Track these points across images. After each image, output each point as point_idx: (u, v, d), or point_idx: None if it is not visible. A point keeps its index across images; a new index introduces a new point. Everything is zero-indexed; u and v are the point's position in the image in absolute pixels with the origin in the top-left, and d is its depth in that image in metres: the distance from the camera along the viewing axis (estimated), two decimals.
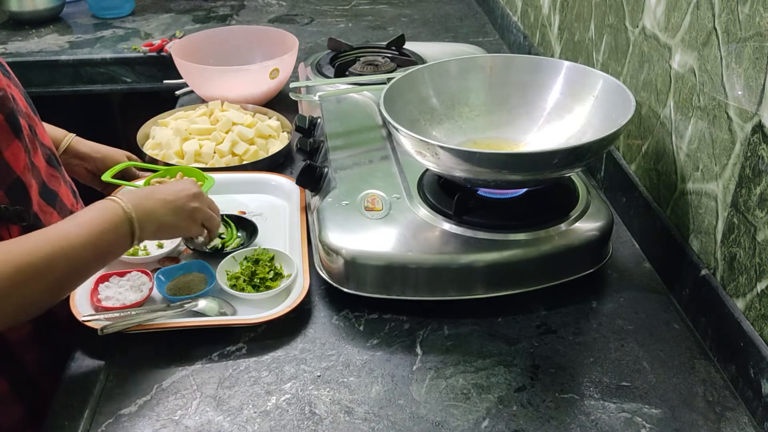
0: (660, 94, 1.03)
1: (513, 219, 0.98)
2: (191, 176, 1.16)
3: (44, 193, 0.97)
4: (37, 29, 1.99)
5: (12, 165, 0.90)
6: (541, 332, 0.93)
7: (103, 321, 0.89)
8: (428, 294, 0.95)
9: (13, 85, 0.97)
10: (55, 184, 1.01)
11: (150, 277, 0.98)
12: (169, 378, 0.86)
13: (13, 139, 0.90)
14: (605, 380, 0.86)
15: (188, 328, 0.91)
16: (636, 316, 0.96)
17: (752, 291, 0.82)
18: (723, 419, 0.81)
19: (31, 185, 0.94)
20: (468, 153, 0.92)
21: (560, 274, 0.98)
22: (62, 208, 1.01)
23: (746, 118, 0.82)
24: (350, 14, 2.11)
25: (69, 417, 0.81)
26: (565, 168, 0.94)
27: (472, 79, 1.13)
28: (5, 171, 0.90)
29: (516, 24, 1.76)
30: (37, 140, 0.99)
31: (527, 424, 0.80)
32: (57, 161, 1.05)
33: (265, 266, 0.99)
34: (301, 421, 0.81)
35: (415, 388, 0.85)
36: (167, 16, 2.09)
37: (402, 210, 0.99)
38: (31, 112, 1.01)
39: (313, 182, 1.10)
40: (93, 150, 1.23)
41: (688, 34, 0.94)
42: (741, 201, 0.84)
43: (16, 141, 0.91)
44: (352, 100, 1.27)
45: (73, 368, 0.87)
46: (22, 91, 1.00)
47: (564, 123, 1.07)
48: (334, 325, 0.94)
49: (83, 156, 1.21)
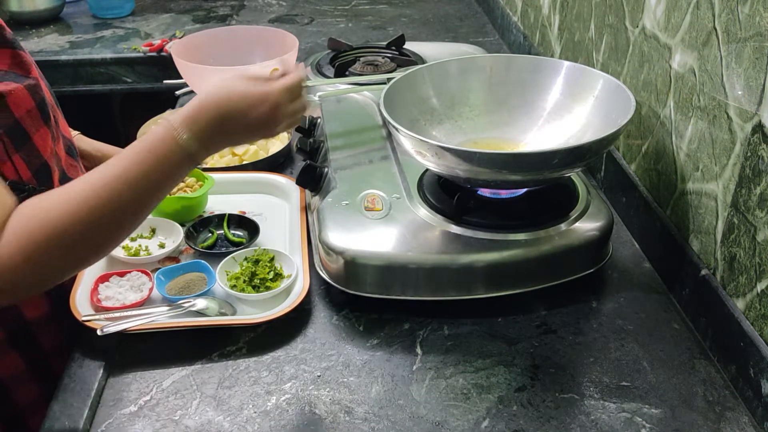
0: (660, 94, 1.03)
1: (513, 219, 0.98)
2: (191, 176, 1.17)
3: (63, 180, 0.99)
4: (37, 29, 1.99)
5: (40, 149, 0.94)
6: (541, 332, 0.93)
7: (103, 321, 0.89)
8: (428, 294, 0.95)
9: (41, 77, 1.00)
10: (73, 173, 1.04)
11: (150, 277, 0.98)
12: (169, 378, 0.86)
13: (42, 125, 0.94)
14: (605, 380, 0.86)
15: (188, 328, 0.91)
16: (636, 316, 0.96)
17: (752, 291, 0.82)
18: (723, 419, 0.81)
19: (54, 171, 0.97)
20: (468, 153, 0.92)
21: (560, 274, 0.98)
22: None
23: (746, 118, 0.82)
24: (350, 14, 2.11)
25: (69, 417, 0.81)
26: (565, 168, 0.94)
27: (472, 79, 1.13)
28: (34, 154, 0.93)
29: (516, 24, 1.76)
30: (59, 131, 1.03)
31: (527, 424, 0.80)
32: (75, 152, 1.08)
33: (265, 267, 0.99)
34: (301, 421, 0.81)
35: (415, 388, 0.85)
36: (167, 16, 2.09)
37: (402, 210, 0.99)
38: (55, 105, 1.04)
39: (313, 182, 1.10)
40: (94, 149, 1.24)
41: (688, 34, 0.94)
42: (741, 201, 0.84)
43: (45, 127, 0.95)
44: (352, 100, 1.27)
45: (73, 368, 0.87)
46: (47, 84, 1.03)
47: (564, 123, 1.07)
48: (334, 325, 0.94)
49: (85, 154, 1.22)
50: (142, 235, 1.08)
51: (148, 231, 1.09)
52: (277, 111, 0.84)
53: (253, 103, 0.82)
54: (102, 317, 0.90)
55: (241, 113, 0.82)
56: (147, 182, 0.76)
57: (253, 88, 0.83)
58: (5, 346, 0.94)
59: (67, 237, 0.72)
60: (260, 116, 0.83)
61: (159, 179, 0.77)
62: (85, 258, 0.77)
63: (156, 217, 1.10)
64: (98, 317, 0.90)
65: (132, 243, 1.06)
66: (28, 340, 0.95)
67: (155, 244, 1.06)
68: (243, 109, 0.82)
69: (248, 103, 0.82)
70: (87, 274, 0.97)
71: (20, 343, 0.95)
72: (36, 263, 0.72)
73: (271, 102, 0.83)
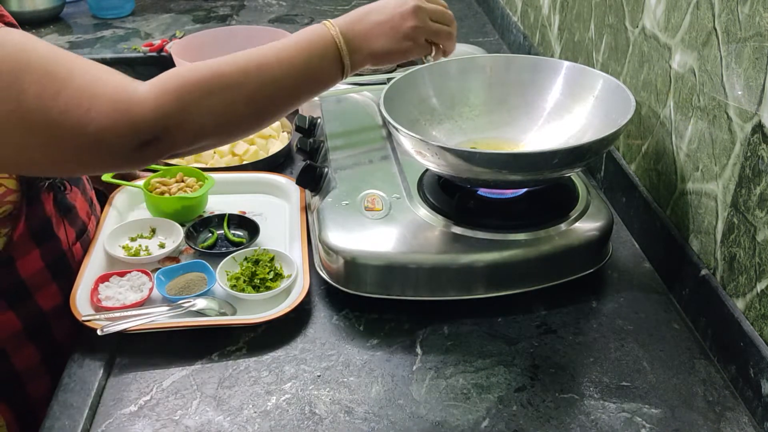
0: (660, 94, 1.03)
1: (513, 219, 0.98)
2: (191, 176, 1.17)
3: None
4: (38, 29, 1.98)
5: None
6: (541, 332, 0.93)
7: (103, 321, 0.89)
8: (428, 294, 0.95)
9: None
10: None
11: (150, 277, 0.98)
12: (169, 378, 0.87)
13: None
14: (605, 380, 0.86)
15: (188, 328, 0.91)
16: (636, 316, 0.96)
17: (752, 291, 0.82)
18: (723, 419, 0.81)
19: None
20: (468, 153, 0.92)
21: (560, 274, 0.98)
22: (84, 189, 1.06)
23: (746, 118, 0.82)
24: None
25: (69, 417, 0.81)
26: (565, 168, 0.94)
27: (472, 79, 1.13)
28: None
29: (516, 24, 1.76)
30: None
31: (527, 424, 0.80)
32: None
33: (265, 267, 0.99)
34: (301, 421, 0.81)
35: (415, 388, 0.85)
36: (167, 16, 2.09)
37: (402, 210, 0.99)
38: None
39: (313, 182, 1.10)
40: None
41: (688, 34, 0.94)
42: (741, 201, 0.84)
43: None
44: (352, 100, 1.27)
45: (73, 368, 0.87)
46: None
47: (564, 123, 1.07)
48: (334, 325, 0.94)
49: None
50: (142, 235, 1.08)
51: (149, 231, 1.09)
52: (418, 10, 0.86)
53: (392, 6, 0.87)
54: (102, 317, 0.90)
55: (382, 5, 0.87)
56: (297, 69, 0.81)
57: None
58: (23, 339, 0.94)
59: (224, 78, 0.76)
60: (400, 9, 0.86)
61: (307, 71, 0.82)
62: (235, 112, 0.78)
63: (156, 217, 1.10)
64: (98, 317, 0.90)
65: (132, 243, 1.06)
66: (44, 332, 0.96)
67: (155, 244, 1.07)
68: (383, 10, 0.87)
69: (389, 6, 0.87)
70: (87, 274, 0.97)
71: (37, 335, 0.95)
72: (188, 103, 0.74)
73: (410, 7, 0.86)
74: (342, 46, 0.83)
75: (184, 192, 1.13)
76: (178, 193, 1.13)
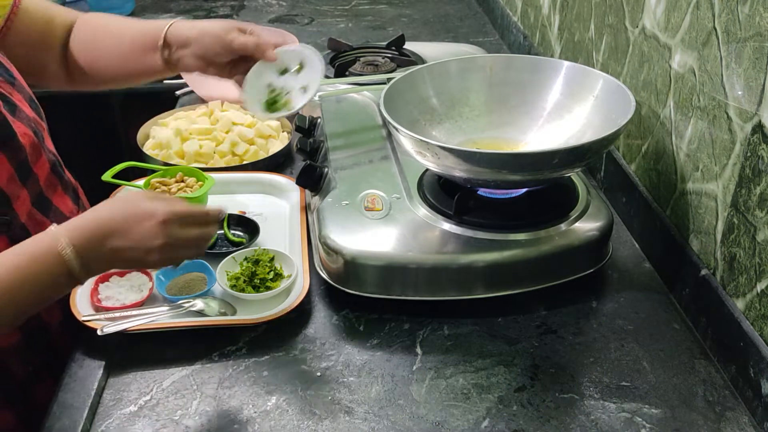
0: (660, 94, 1.03)
1: (513, 219, 0.98)
2: (191, 176, 1.16)
3: (39, 203, 0.94)
4: None
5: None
6: (541, 332, 0.93)
7: (103, 321, 0.89)
8: (428, 294, 0.95)
9: (17, 90, 0.94)
10: (51, 193, 0.97)
11: (150, 277, 0.98)
12: (169, 378, 0.87)
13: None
14: (605, 380, 0.86)
15: (188, 328, 0.91)
16: (636, 316, 0.96)
17: (752, 291, 0.82)
18: (723, 419, 0.81)
19: (18, 196, 0.90)
20: (468, 153, 0.92)
21: (560, 274, 0.98)
22: (58, 216, 0.98)
23: (746, 118, 0.82)
24: (350, 14, 2.11)
25: (69, 417, 0.81)
26: (565, 168, 0.94)
27: (472, 79, 1.13)
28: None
29: (516, 24, 1.76)
30: (43, 147, 0.96)
31: (527, 424, 0.80)
32: (61, 167, 1.02)
33: (265, 267, 0.99)
34: (301, 420, 0.81)
35: (415, 388, 0.85)
36: (167, 16, 2.09)
37: (402, 210, 0.99)
38: (38, 118, 0.98)
39: (313, 182, 1.10)
40: (192, 29, 1.02)
41: (688, 34, 0.94)
42: (741, 201, 0.84)
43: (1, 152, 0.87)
44: (352, 100, 1.27)
45: (73, 368, 0.87)
46: (27, 96, 0.97)
47: (564, 123, 1.07)
48: (334, 325, 0.94)
49: (185, 42, 1.02)
50: None
51: None
52: (164, 229, 0.78)
53: (137, 217, 0.78)
54: (102, 317, 0.90)
55: (124, 222, 0.77)
56: (21, 291, 0.74)
57: (141, 203, 0.80)
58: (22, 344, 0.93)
59: None
60: (144, 232, 0.77)
61: (34, 290, 0.76)
62: None
63: None
64: (98, 317, 0.90)
65: None
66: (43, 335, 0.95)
67: None
68: (126, 219, 0.78)
69: (133, 214, 0.78)
70: None
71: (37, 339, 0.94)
72: None
73: (158, 219, 0.78)
74: (74, 267, 0.75)
75: (184, 192, 1.13)
76: (178, 193, 1.13)
